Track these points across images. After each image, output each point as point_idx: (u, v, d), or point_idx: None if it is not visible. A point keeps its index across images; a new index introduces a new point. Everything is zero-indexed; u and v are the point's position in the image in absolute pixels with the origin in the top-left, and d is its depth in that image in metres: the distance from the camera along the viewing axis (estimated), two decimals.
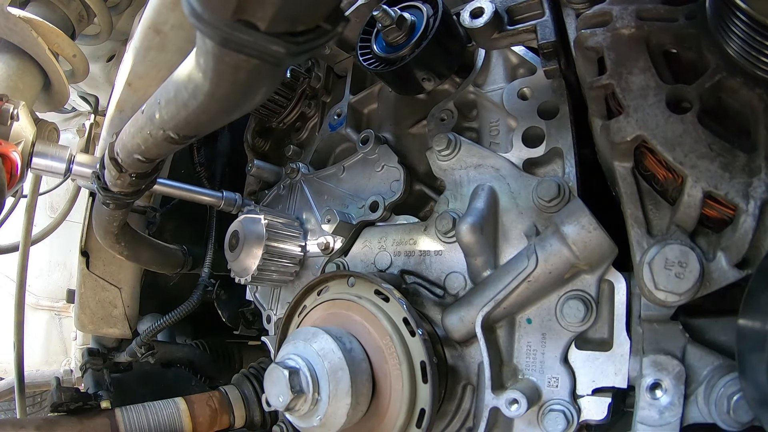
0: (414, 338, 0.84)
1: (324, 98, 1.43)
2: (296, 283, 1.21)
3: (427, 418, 0.80)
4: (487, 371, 0.82)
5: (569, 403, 0.80)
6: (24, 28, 1.18)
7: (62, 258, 2.40)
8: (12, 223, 1.50)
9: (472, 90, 1.05)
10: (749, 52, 0.63)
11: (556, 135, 0.91)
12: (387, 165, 1.12)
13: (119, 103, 1.13)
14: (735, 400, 0.68)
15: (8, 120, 1.00)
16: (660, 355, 0.75)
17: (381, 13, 0.96)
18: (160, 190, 1.24)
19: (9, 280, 2.37)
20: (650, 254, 0.69)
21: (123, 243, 1.39)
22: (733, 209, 0.65)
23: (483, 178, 0.96)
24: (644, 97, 0.69)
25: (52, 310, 2.45)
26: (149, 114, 0.89)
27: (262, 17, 0.52)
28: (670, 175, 0.72)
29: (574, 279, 0.83)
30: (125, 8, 1.57)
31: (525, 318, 0.87)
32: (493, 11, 0.88)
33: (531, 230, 0.88)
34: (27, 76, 1.25)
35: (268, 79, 0.68)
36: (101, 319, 1.59)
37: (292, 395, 0.77)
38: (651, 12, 0.72)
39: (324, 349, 0.81)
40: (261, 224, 1.12)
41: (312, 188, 1.26)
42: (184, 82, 0.74)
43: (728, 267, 0.67)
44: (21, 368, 1.49)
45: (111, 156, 1.09)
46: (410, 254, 1.03)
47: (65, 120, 2.36)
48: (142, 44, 1.01)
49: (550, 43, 0.85)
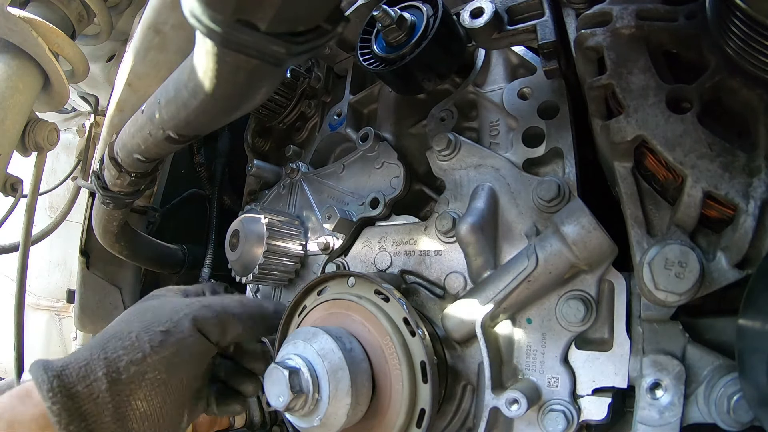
0: (414, 338, 0.84)
1: (324, 98, 1.43)
2: (296, 283, 1.21)
3: (427, 418, 0.80)
4: (487, 371, 0.82)
5: (569, 403, 0.80)
6: (24, 28, 1.18)
7: (62, 258, 2.39)
8: (12, 223, 1.50)
9: (472, 90, 1.05)
10: (749, 52, 0.63)
11: (556, 135, 0.91)
12: (387, 162, 1.12)
13: (119, 103, 1.12)
14: (735, 400, 0.68)
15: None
16: (660, 355, 0.75)
17: (381, 13, 0.96)
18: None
19: (9, 280, 2.37)
20: (650, 254, 0.70)
21: (122, 243, 1.39)
22: (733, 209, 0.65)
23: (483, 178, 0.96)
24: (644, 97, 0.69)
25: (52, 310, 2.44)
26: (149, 114, 0.89)
27: (262, 17, 0.52)
28: (670, 175, 0.72)
29: (574, 279, 0.83)
30: (125, 8, 1.57)
31: (525, 318, 0.87)
32: (493, 11, 0.88)
33: (531, 230, 0.88)
34: (27, 76, 1.25)
35: (268, 80, 0.68)
36: (101, 319, 1.59)
37: (292, 395, 0.77)
38: (651, 12, 0.72)
39: (324, 349, 0.81)
40: (261, 223, 1.12)
41: (312, 187, 1.26)
42: (184, 81, 0.74)
43: (728, 267, 0.67)
44: (21, 368, 1.49)
45: (111, 156, 1.09)
46: (410, 254, 1.03)
47: (65, 120, 2.36)
48: (142, 44, 1.01)
49: (550, 43, 0.85)
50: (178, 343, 0.83)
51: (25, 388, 0.76)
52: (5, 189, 1.38)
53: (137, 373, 0.79)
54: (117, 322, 0.87)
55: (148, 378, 0.80)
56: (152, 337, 0.82)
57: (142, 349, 0.80)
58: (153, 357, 0.80)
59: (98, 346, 0.80)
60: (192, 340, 0.85)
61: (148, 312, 0.87)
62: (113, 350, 0.80)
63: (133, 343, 0.81)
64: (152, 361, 0.80)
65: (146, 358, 0.80)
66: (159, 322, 0.84)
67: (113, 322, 0.87)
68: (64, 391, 0.74)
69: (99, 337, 0.83)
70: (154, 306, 0.89)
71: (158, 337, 0.82)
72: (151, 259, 1.55)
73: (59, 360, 0.79)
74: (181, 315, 0.85)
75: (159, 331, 0.83)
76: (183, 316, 0.85)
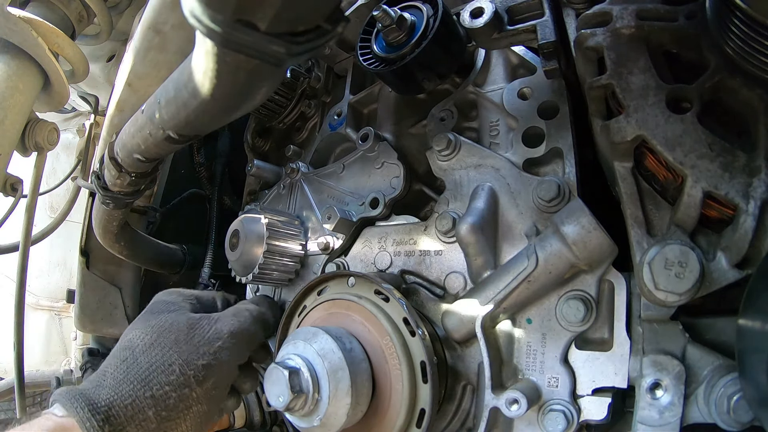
0: (414, 338, 0.84)
1: (324, 98, 1.43)
2: (296, 283, 1.21)
3: (427, 418, 0.80)
4: (487, 371, 0.82)
5: (569, 403, 0.80)
6: (24, 28, 1.18)
7: (62, 258, 2.40)
8: (12, 223, 1.50)
9: (472, 90, 1.05)
10: (749, 52, 0.63)
11: (556, 135, 0.91)
12: (387, 162, 1.12)
13: (119, 103, 1.12)
14: (735, 400, 0.68)
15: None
16: (660, 355, 0.75)
17: (381, 13, 0.96)
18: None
19: (9, 280, 2.37)
20: (650, 254, 0.69)
21: (122, 243, 1.39)
22: (733, 209, 0.65)
23: (483, 178, 0.96)
24: (644, 97, 0.69)
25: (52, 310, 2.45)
26: (149, 114, 0.89)
27: (263, 17, 0.52)
28: (670, 175, 0.72)
29: (574, 279, 0.83)
30: (125, 8, 1.57)
31: (525, 318, 0.87)
32: (493, 11, 0.87)
33: (531, 230, 0.88)
34: (27, 76, 1.25)
35: (269, 80, 0.68)
36: (101, 319, 1.58)
37: (292, 395, 0.77)
38: (651, 12, 0.72)
39: (324, 349, 0.81)
40: (261, 223, 1.12)
41: (312, 187, 1.26)
42: (184, 82, 0.74)
43: (728, 267, 0.67)
44: (21, 368, 1.49)
45: (111, 155, 1.09)
46: (410, 254, 1.03)
47: (65, 120, 2.36)
48: (142, 44, 1.01)
49: (550, 43, 0.85)
50: (216, 376, 0.86)
51: (62, 426, 0.72)
52: (5, 189, 1.39)
53: (184, 408, 0.81)
54: (145, 347, 0.84)
55: (193, 411, 0.82)
56: (196, 373, 0.83)
57: (189, 385, 0.82)
58: (198, 391, 0.82)
59: (138, 380, 0.79)
60: (228, 370, 0.88)
61: (180, 338, 0.86)
62: (159, 386, 0.79)
63: (178, 378, 0.81)
64: (197, 396, 0.82)
65: (192, 393, 0.81)
66: (198, 354, 0.85)
67: (137, 348, 0.84)
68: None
69: (131, 367, 0.81)
70: (182, 329, 0.88)
71: (201, 371, 0.83)
72: (151, 259, 1.55)
73: (97, 393, 0.76)
74: (217, 346, 0.87)
75: (201, 365, 0.84)
76: (219, 347, 0.88)
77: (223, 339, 0.89)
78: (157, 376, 0.80)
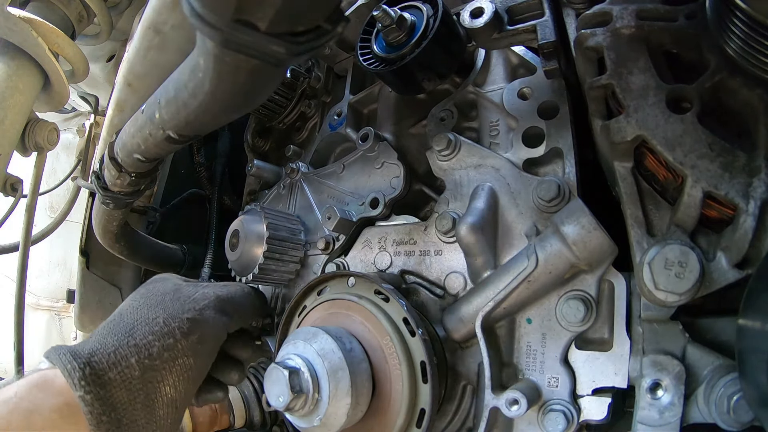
0: (414, 338, 0.84)
1: (324, 98, 1.43)
2: (296, 283, 1.21)
3: (427, 418, 0.80)
4: (487, 371, 0.82)
5: (569, 403, 0.80)
6: (24, 28, 1.18)
7: (62, 258, 2.39)
8: (12, 223, 1.50)
9: (472, 90, 1.05)
10: (749, 52, 0.63)
11: (556, 135, 0.91)
12: (387, 162, 1.12)
13: (119, 103, 1.13)
14: (735, 400, 0.68)
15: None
16: (660, 355, 0.75)
17: (381, 13, 0.96)
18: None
19: (9, 280, 2.37)
20: (650, 254, 0.69)
21: (122, 243, 1.39)
22: (733, 209, 0.65)
23: (483, 178, 0.96)
24: (644, 97, 0.69)
25: (52, 310, 2.44)
26: (149, 114, 0.89)
27: (263, 17, 0.52)
28: (670, 175, 0.72)
29: (574, 279, 0.83)
30: (125, 8, 1.57)
31: (525, 318, 0.87)
32: (493, 11, 0.88)
33: (531, 230, 0.88)
34: (27, 76, 1.25)
35: (269, 80, 0.68)
36: (101, 319, 1.58)
37: (292, 395, 0.77)
38: (651, 12, 0.72)
39: (324, 349, 0.81)
40: (262, 223, 1.12)
41: (312, 187, 1.26)
42: (184, 82, 0.74)
43: (728, 267, 0.67)
44: (21, 368, 1.49)
45: (111, 155, 1.09)
46: (410, 254, 1.03)
47: (65, 120, 2.36)
48: (142, 44, 1.01)
49: (550, 43, 0.85)
50: (202, 330, 0.86)
51: (44, 376, 0.72)
52: (5, 189, 1.39)
53: (169, 358, 0.80)
54: (132, 309, 0.86)
55: (179, 363, 0.81)
56: (180, 324, 0.84)
57: (173, 335, 0.82)
58: (183, 342, 0.82)
59: (123, 332, 0.80)
60: (214, 328, 0.89)
61: (167, 298, 0.88)
62: (142, 336, 0.80)
63: (162, 329, 0.82)
64: (182, 347, 0.82)
65: (177, 344, 0.81)
66: (183, 310, 0.86)
67: (125, 310, 0.86)
68: (96, 379, 0.72)
69: (118, 324, 0.82)
70: (168, 292, 0.90)
71: (186, 324, 0.84)
72: (151, 259, 1.55)
73: (81, 346, 0.77)
74: (203, 304, 0.89)
75: (186, 318, 0.85)
76: (205, 305, 0.89)
77: (210, 299, 0.91)
78: (142, 327, 0.81)
